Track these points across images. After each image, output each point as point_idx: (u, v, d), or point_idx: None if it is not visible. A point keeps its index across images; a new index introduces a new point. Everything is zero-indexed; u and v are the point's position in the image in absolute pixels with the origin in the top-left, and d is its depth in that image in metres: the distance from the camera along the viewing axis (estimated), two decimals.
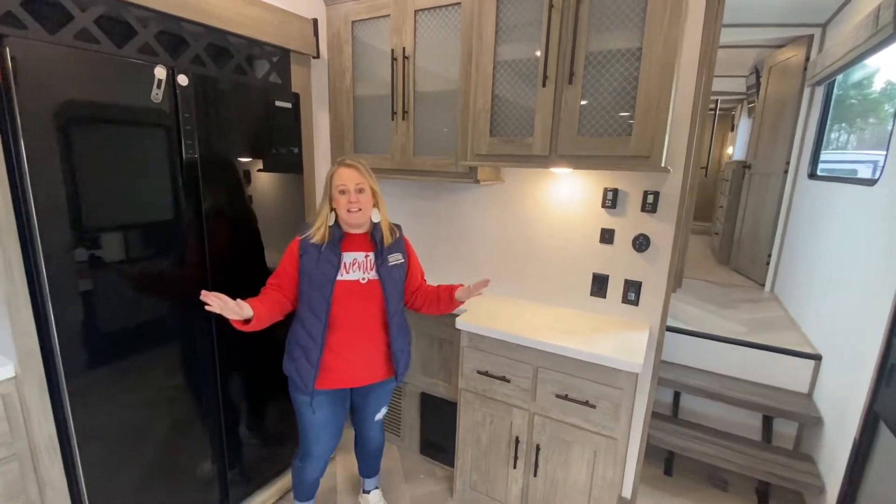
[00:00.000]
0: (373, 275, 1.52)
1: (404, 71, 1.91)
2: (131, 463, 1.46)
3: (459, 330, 1.81)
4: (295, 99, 1.84)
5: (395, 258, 1.57)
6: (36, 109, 1.14)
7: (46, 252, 1.19)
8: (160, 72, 1.36)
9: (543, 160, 1.60)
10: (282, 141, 1.82)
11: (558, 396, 1.61)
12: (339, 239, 1.50)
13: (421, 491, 2.07)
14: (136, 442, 1.46)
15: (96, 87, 1.24)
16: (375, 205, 1.53)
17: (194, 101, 1.47)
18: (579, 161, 1.54)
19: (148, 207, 1.41)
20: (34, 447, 1.28)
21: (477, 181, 1.85)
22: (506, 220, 2.08)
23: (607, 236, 1.84)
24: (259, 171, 1.74)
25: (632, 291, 1.83)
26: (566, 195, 1.91)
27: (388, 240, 1.55)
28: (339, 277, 1.48)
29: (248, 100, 1.66)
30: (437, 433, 2.18)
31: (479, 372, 1.78)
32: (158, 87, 1.36)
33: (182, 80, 1.42)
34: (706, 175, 3.68)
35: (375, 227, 1.54)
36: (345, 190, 1.45)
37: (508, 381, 1.71)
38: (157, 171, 1.41)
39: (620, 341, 1.64)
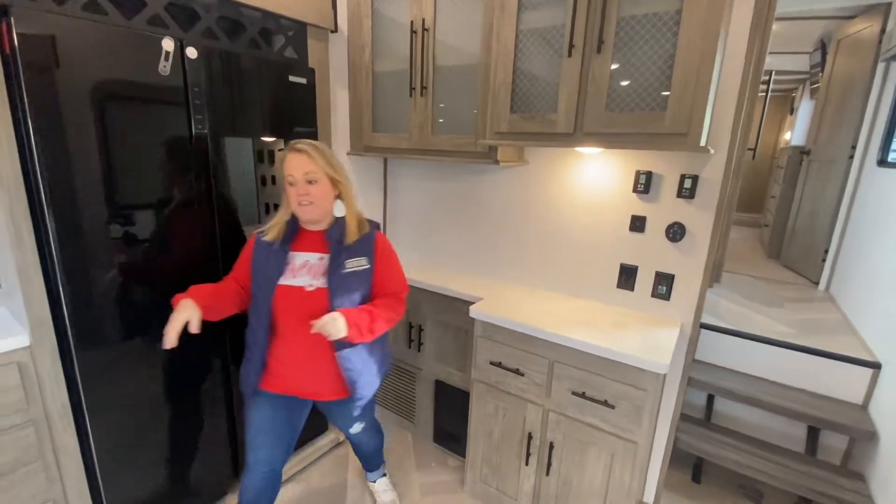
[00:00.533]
0: (321, 282, 1.28)
1: (423, 44, 1.80)
2: (142, 434, 1.49)
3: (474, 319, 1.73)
4: (311, 74, 1.78)
5: (356, 263, 1.31)
6: (42, 82, 1.13)
7: (56, 225, 1.20)
8: (168, 43, 1.33)
9: (568, 138, 1.47)
10: (297, 118, 1.78)
11: (575, 394, 1.51)
12: (292, 236, 1.32)
13: (431, 480, 2.03)
14: (146, 414, 1.49)
15: (103, 59, 1.22)
16: (340, 196, 1.31)
17: (204, 75, 1.44)
18: (607, 139, 1.40)
19: (156, 183, 1.40)
20: (48, 414, 1.31)
21: (497, 162, 1.74)
22: (528, 204, 1.96)
23: (638, 224, 1.70)
24: (272, 149, 1.71)
25: (663, 285, 1.68)
26: (594, 178, 1.77)
27: (350, 238, 1.31)
28: (281, 281, 1.29)
29: (262, 74, 1.61)
30: (451, 422, 2.12)
31: (491, 363, 1.69)
32: (166, 59, 1.33)
33: (191, 52, 1.39)
34: (754, 157, 3.36)
35: (336, 223, 1.31)
36: (293, 181, 1.26)
37: (522, 374, 1.62)
38: (166, 146, 1.39)
39: (647, 338, 1.50)
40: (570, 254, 1.89)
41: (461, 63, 1.77)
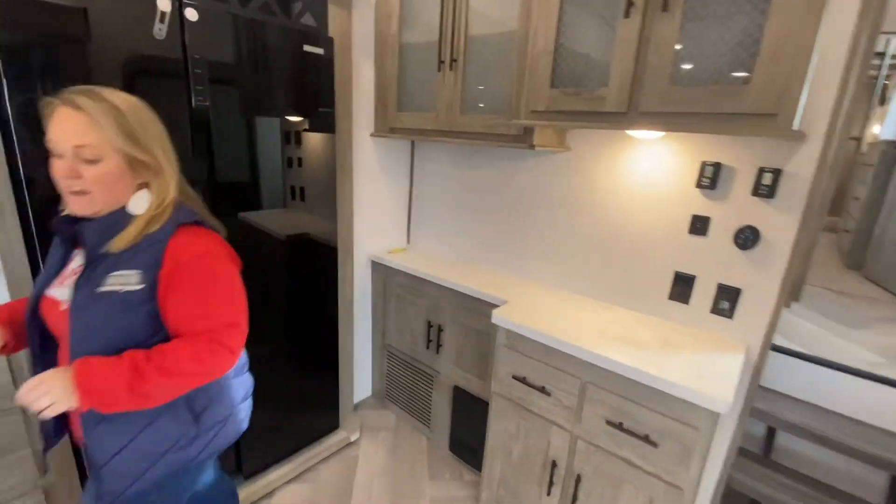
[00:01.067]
0: (68, 293, 0.85)
1: (455, 9, 1.58)
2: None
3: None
4: (329, 45, 1.61)
5: (122, 280, 0.82)
6: (18, 41, 1.02)
7: (32, 202, 1.10)
8: (163, 3, 1.19)
9: (619, 119, 1.22)
10: (312, 93, 1.61)
11: (610, 424, 1.28)
12: (72, 226, 0.87)
13: (444, 493, 1.87)
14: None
15: (88, 17, 1.09)
16: (146, 185, 0.87)
17: (206, 41, 1.30)
18: (669, 121, 1.14)
19: None
20: None
21: (532, 146, 1.50)
22: (568, 196, 1.72)
23: (700, 225, 1.42)
24: (283, 127, 1.56)
25: (726, 299, 1.40)
26: (649, 169, 1.50)
27: (121, 241, 0.83)
28: (46, 290, 0.88)
29: (272, 42, 1.45)
30: (469, 432, 1.94)
31: (514, 377, 1.49)
32: (161, 20, 1.20)
33: (191, 14, 1.25)
34: (858, 149, 2.91)
35: (110, 216, 0.85)
36: (59, 152, 0.80)
37: (549, 393, 1.41)
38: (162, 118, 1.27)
39: (702, 364, 1.25)
40: (615, 256, 1.64)
41: (496, 31, 1.53)
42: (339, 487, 1.85)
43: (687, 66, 1.09)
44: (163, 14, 1.19)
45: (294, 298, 1.76)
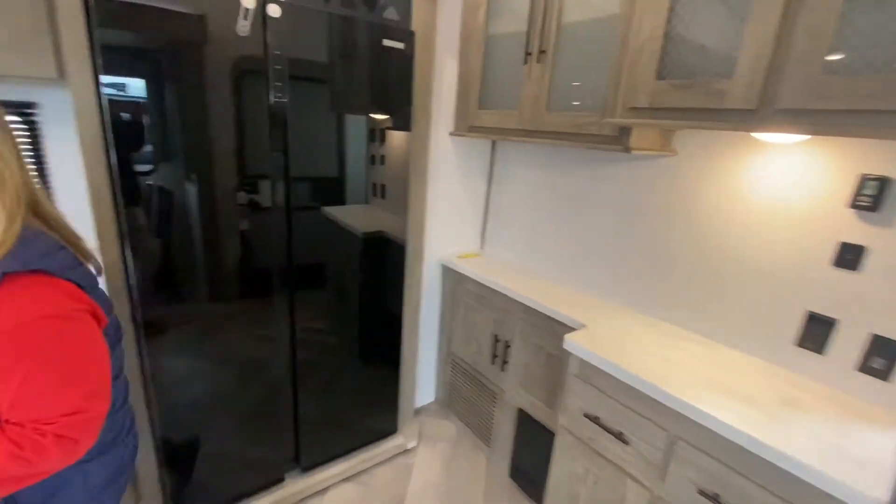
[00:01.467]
0: None
1: None
2: (202, 405, 1.47)
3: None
4: (410, 38, 1.54)
5: None
6: (114, 37, 1.07)
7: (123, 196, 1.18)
8: (248, 0, 1.20)
9: (746, 118, 0.97)
10: (391, 90, 1.56)
11: (703, 494, 1.04)
12: None
13: None
14: (207, 387, 1.46)
15: (175, 18, 1.13)
16: None
17: (287, 37, 1.29)
18: (820, 120, 0.87)
19: (228, 153, 1.30)
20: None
21: (628, 149, 1.29)
22: (670, 208, 1.46)
23: (850, 257, 1.10)
24: (367, 124, 1.53)
25: (882, 356, 1.07)
26: (780, 181, 1.21)
27: None
28: None
29: (352, 37, 1.42)
30: (531, 461, 1.77)
31: (586, 414, 1.30)
32: (245, 17, 1.21)
33: (273, 10, 1.25)
34: None
35: None
36: None
37: (626, 441, 1.20)
38: (240, 114, 1.29)
39: (840, 438, 0.95)
40: (726, 283, 1.35)
41: (592, 17, 1.34)
42: (391, 495, 1.80)
43: (850, 49, 0.82)
44: (246, 11, 1.20)
45: (365, 295, 1.74)
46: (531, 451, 1.77)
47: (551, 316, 1.56)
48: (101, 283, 1.29)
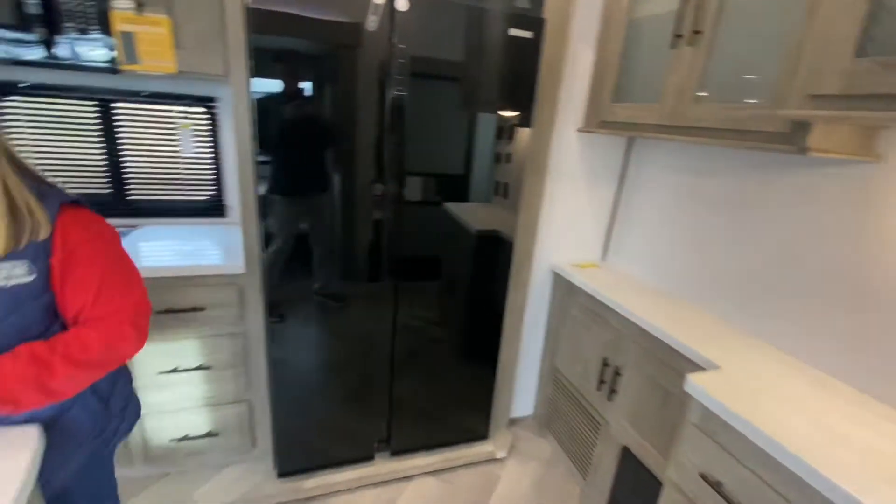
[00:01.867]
0: None
1: None
2: (312, 374, 1.60)
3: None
4: (538, 27, 1.44)
5: (6, 273, 0.72)
6: (264, 42, 1.21)
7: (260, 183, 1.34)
8: None
9: None
10: (515, 83, 1.48)
11: None
12: None
13: None
14: (318, 358, 1.59)
15: (316, 24, 1.23)
16: None
17: (413, 30, 1.31)
18: None
19: (346, 147, 1.38)
20: (250, 333, 1.55)
21: (804, 150, 0.99)
22: (868, 231, 1.09)
23: None
24: (506, 124, 1.51)
25: None
26: None
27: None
28: None
29: (479, 27, 1.38)
30: None
31: (704, 476, 1.05)
32: (374, 12, 1.26)
33: (401, 4, 1.27)
34: None
35: None
36: None
37: None
38: (360, 106, 1.35)
39: None
40: None
41: None
42: (473, 500, 1.74)
43: None
44: (376, 6, 1.25)
45: (472, 293, 1.72)
46: (633, 497, 1.53)
47: (675, 347, 1.31)
48: (240, 253, 1.50)
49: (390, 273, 1.55)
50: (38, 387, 0.73)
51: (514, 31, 1.42)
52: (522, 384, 2.13)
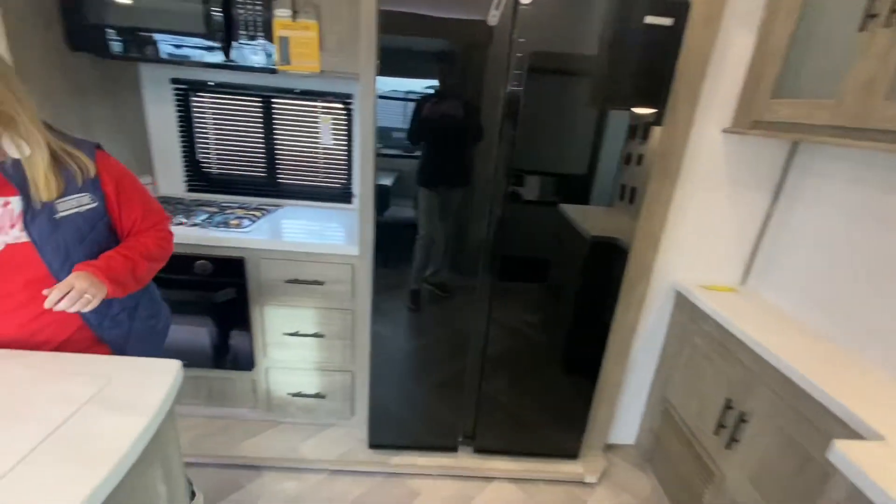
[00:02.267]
0: (12, 237, 0.91)
1: None
2: (409, 358, 1.69)
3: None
4: (681, 12, 1.27)
5: (76, 202, 0.95)
6: (390, 42, 1.29)
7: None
8: None
9: None
10: (650, 77, 1.34)
11: None
12: None
13: None
14: (414, 347, 1.67)
15: (431, 12, 1.26)
16: (11, 128, 0.85)
17: (536, 24, 1.27)
18: None
19: (466, 143, 1.40)
20: (358, 311, 1.68)
21: None
22: None
23: None
24: (639, 122, 1.40)
25: None
26: None
27: (47, 189, 0.89)
28: None
29: (609, 17, 1.28)
30: None
31: None
32: (497, 7, 1.25)
33: None
34: None
35: (14, 165, 0.89)
36: None
37: None
38: (481, 103, 1.35)
39: None
40: None
41: None
42: None
43: None
44: (499, 1, 1.24)
45: (579, 302, 1.63)
46: None
47: (822, 402, 1.05)
48: (356, 237, 1.62)
49: (497, 270, 1.54)
50: (132, 276, 1.01)
51: (650, 19, 1.27)
52: (626, 409, 1.94)
